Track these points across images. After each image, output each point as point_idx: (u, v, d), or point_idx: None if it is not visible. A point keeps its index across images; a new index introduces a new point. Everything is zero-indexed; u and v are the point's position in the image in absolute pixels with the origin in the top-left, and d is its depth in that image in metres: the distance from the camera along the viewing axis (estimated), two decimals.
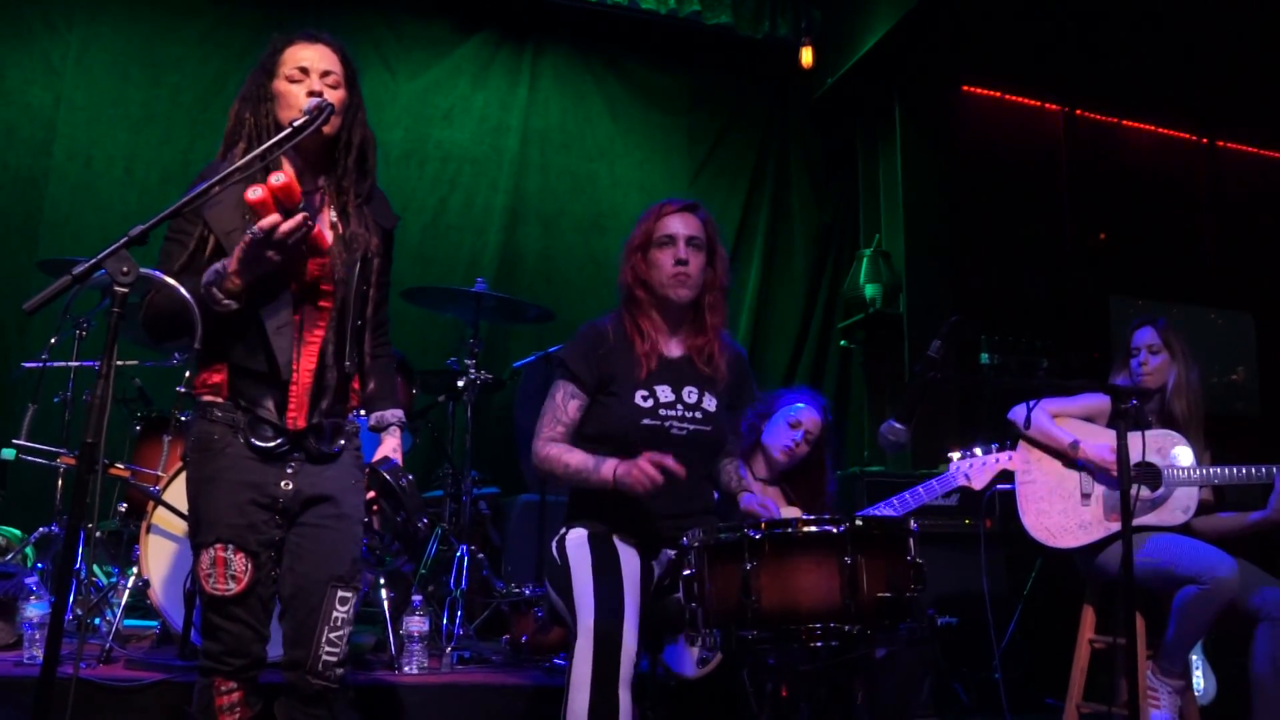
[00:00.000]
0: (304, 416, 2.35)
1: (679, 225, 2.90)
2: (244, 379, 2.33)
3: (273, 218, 2.12)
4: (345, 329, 2.39)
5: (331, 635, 2.31)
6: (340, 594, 2.33)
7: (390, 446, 2.57)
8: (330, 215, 2.43)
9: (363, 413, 2.57)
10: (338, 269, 2.37)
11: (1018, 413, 3.70)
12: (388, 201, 2.58)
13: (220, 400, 2.34)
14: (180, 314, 2.13)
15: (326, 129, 2.32)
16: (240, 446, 2.31)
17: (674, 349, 2.94)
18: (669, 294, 2.87)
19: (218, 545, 2.27)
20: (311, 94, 2.32)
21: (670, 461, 2.59)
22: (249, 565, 2.28)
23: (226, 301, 2.20)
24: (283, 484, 2.34)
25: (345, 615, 2.34)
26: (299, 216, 2.14)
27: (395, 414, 2.60)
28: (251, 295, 2.24)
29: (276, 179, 2.12)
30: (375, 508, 2.47)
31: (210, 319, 2.21)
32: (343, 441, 2.44)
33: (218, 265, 2.20)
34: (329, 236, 2.39)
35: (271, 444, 2.32)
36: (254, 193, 2.11)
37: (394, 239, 2.60)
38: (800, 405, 3.67)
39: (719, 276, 2.96)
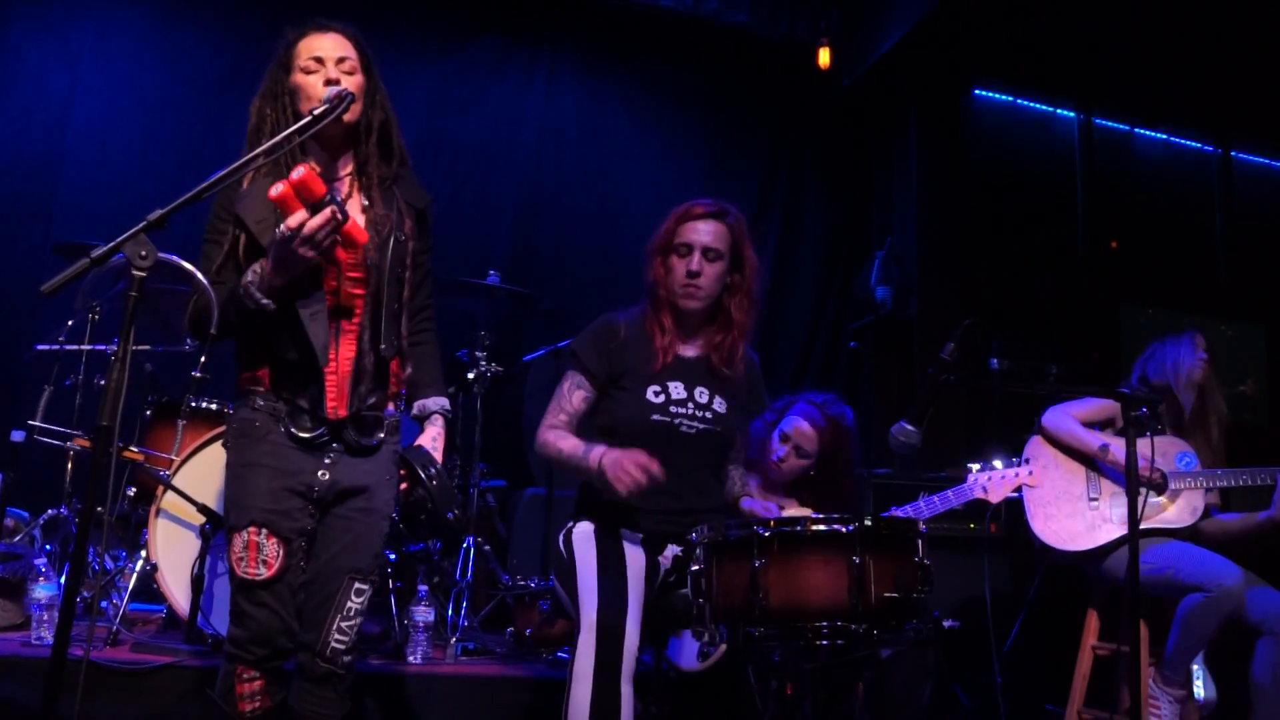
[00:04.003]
0: (344, 405, 2.36)
1: (698, 234, 2.86)
2: (284, 370, 2.35)
3: (299, 215, 2.13)
4: (380, 314, 2.39)
5: (343, 624, 2.34)
6: (357, 585, 2.37)
7: (430, 436, 2.54)
8: (360, 200, 2.44)
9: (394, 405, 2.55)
10: (370, 254, 2.38)
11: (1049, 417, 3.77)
12: (419, 183, 2.57)
13: (263, 390, 2.37)
14: (230, 318, 2.23)
15: (347, 116, 2.33)
16: (280, 435, 2.34)
17: (691, 349, 2.94)
18: (679, 302, 2.88)
19: (251, 528, 2.29)
20: (329, 82, 2.33)
21: (656, 468, 2.57)
22: (281, 551, 2.29)
23: (265, 301, 2.22)
24: (319, 474, 2.36)
25: (359, 606, 2.37)
26: (327, 211, 2.14)
27: (438, 402, 2.59)
28: (288, 288, 2.26)
29: (296, 173, 2.12)
30: (404, 486, 2.47)
31: (250, 316, 2.25)
32: (382, 435, 2.45)
33: (257, 266, 2.23)
34: (361, 221, 2.39)
35: (311, 434, 2.34)
36: (275, 189, 2.12)
37: (430, 221, 2.59)
38: (795, 417, 3.57)
39: (746, 281, 2.93)
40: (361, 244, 2.29)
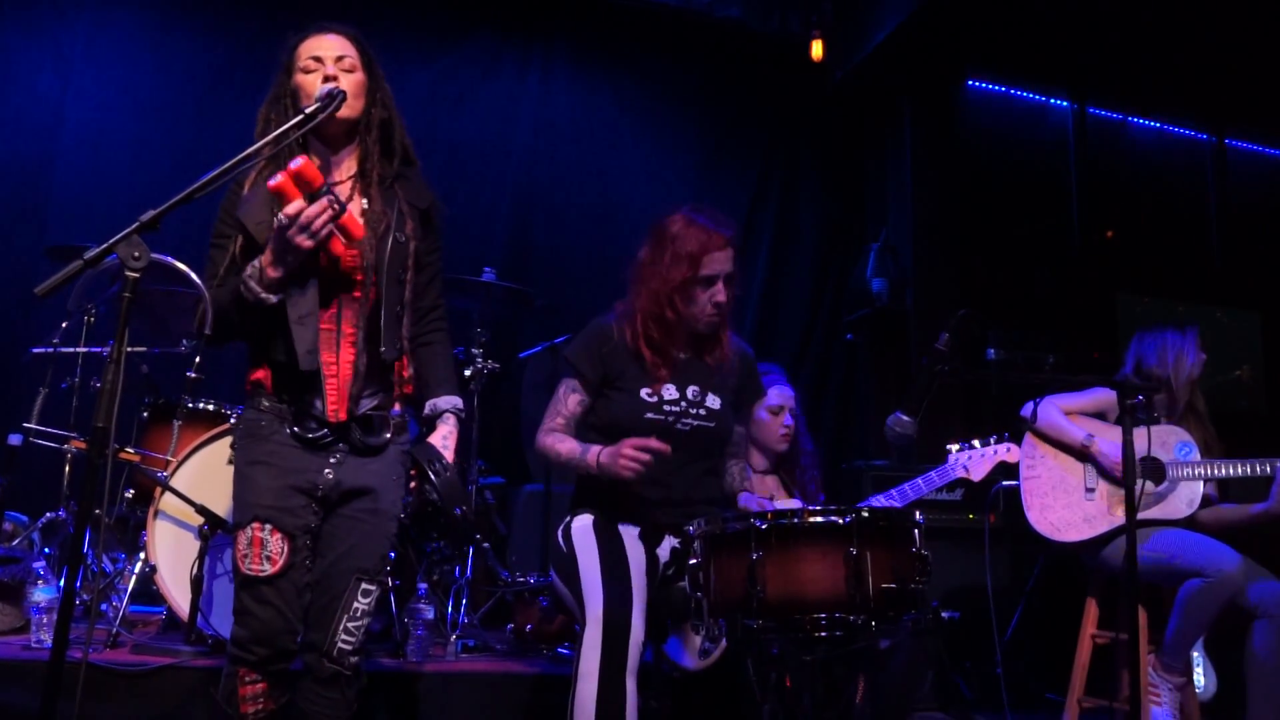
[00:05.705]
0: (344, 408, 2.36)
1: (722, 264, 2.88)
2: (284, 374, 2.35)
3: (296, 203, 2.15)
4: (379, 316, 2.38)
5: (350, 625, 2.34)
6: (364, 586, 2.36)
7: (440, 434, 2.50)
8: (361, 203, 2.43)
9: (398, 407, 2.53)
10: (367, 254, 2.37)
11: (1029, 409, 3.74)
12: (424, 183, 2.57)
13: (267, 392, 2.37)
14: (233, 317, 2.26)
15: (345, 112, 2.33)
16: (285, 435, 2.34)
17: (681, 352, 2.96)
18: (700, 328, 2.93)
19: (254, 524, 2.29)
20: (327, 79, 2.34)
21: (655, 442, 2.63)
22: (285, 547, 2.29)
23: (264, 295, 2.23)
24: (325, 473, 2.35)
25: (365, 607, 2.37)
26: (324, 200, 2.16)
27: (449, 401, 2.55)
28: (285, 282, 2.27)
29: (294, 163, 2.15)
30: (413, 485, 2.45)
31: (252, 318, 2.26)
32: (389, 434, 2.44)
33: (256, 260, 2.24)
34: (360, 222, 2.39)
35: (315, 435, 2.34)
36: (274, 179, 2.15)
37: (435, 221, 2.59)
38: (777, 388, 3.64)
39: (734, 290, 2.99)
40: (358, 238, 2.29)
